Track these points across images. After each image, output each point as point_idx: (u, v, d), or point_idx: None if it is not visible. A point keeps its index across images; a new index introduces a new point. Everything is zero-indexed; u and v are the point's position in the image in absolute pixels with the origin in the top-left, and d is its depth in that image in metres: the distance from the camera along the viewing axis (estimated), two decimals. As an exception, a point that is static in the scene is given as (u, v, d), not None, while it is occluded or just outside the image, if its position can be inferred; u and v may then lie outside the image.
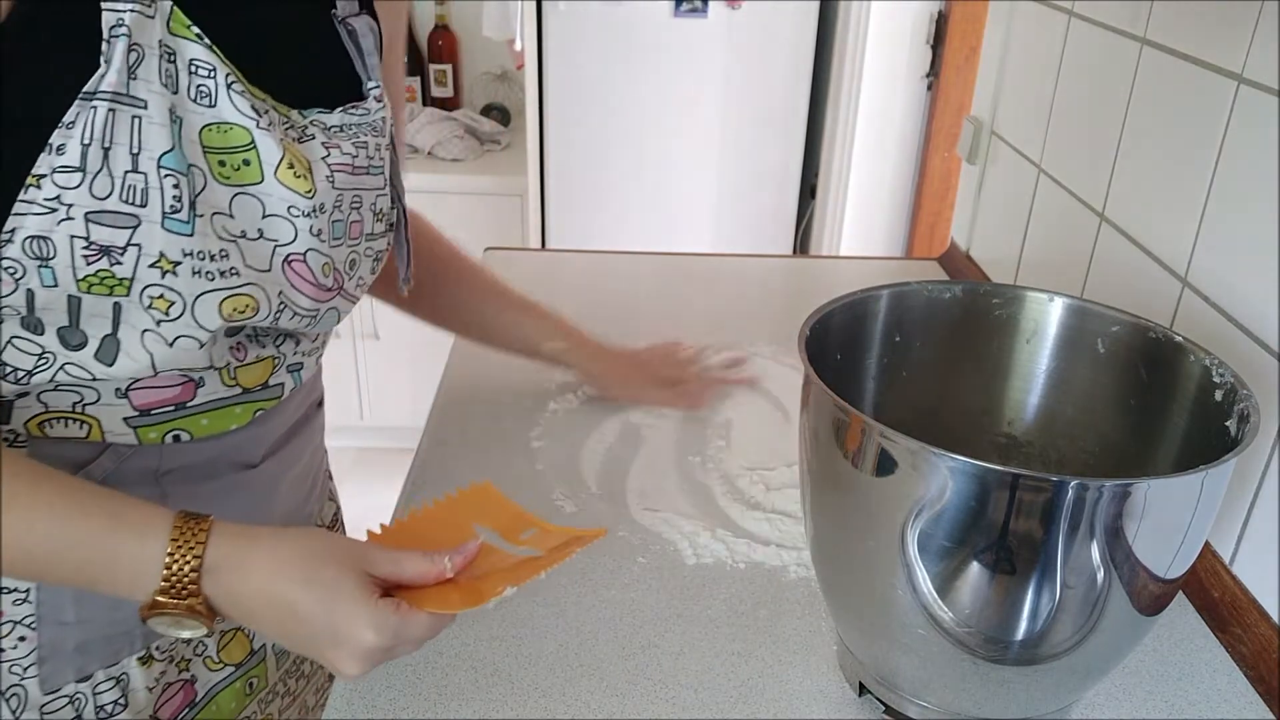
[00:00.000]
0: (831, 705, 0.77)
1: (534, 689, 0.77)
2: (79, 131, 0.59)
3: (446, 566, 0.64)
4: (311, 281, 0.71)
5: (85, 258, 0.61)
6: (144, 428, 0.70)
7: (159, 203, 0.61)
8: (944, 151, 2.68)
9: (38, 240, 0.59)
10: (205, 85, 0.63)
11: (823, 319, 0.76)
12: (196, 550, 0.60)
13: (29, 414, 0.67)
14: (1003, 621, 0.64)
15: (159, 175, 0.61)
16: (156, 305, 0.64)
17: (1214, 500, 0.63)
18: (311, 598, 0.60)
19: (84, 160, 0.59)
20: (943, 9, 2.57)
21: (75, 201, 0.60)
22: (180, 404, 0.71)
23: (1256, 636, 0.83)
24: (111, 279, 0.62)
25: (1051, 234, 1.28)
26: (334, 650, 0.61)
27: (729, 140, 2.84)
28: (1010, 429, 0.86)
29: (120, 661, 0.75)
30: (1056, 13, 1.26)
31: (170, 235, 0.62)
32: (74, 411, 0.68)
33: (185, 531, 0.60)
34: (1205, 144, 0.93)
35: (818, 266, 1.87)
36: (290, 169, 0.67)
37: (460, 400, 1.17)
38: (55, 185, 0.59)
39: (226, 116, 0.64)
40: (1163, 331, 0.76)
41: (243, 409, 0.74)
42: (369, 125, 0.75)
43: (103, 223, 0.60)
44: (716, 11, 2.68)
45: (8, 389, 0.65)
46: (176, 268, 0.63)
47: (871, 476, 0.64)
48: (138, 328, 0.64)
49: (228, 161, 0.64)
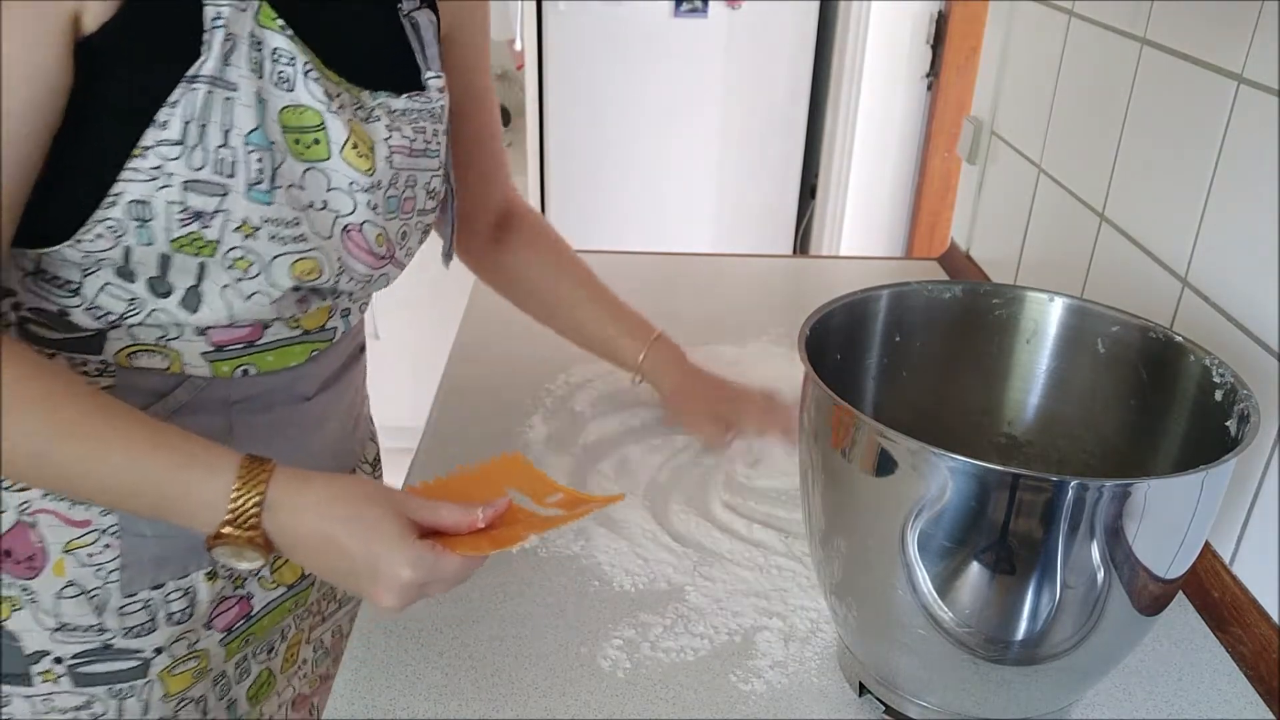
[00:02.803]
0: (831, 705, 0.77)
1: (534, 689, 0.77)
2: (180, 110, 0.66)
3: (479, 517, 0.69)
4: (366, 250, 0.79)
5: (180, 221, 0.68)
6: (218, 362, 0.78)
7: (244, 175, 0.69)
8: (944, 151, 2.68)
9: (139, 204, 0.67)
10: (285, 71, 0.71)
11: (823, 319, 0.76)
12: (260, 489, 0.67)
13: (118, 345, 0.75)
14: (1003, 621, 0.64)
15: (245, 150, 0.69)
16: (237, 265, 0.72)
17: (1214, 500, 0.63)
18: (355, 535, 0.67)
19: (184, 135, 0.67)
20: (943, 9, 2.57)
21: (175, 171, 0.67)
22: (250, 342, 0.79)
23: (1256, 636, 0.83)
24: (200, 241, 0.70)
25: (1051, 234, 1.28)
26: (373, 584, 0.67)
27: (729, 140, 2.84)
28: (1010, 429, 0.86)
29: (189, 575, 0.83)
30: (1056, 13, 1.26)
31: (253, 204, 0.70)
32: (158, 345, 0.76)
33: (250, 471, 0.67)
34: (1205, 144, 0.93)
35: (818, 266, 1.87)
36: (354, 149, 0.75)
37: (460, 400, 1.17)
38: (158, 156, 0.67)
39: (302, 100, 0.72)
40: (1163, 331, 0.76)
41: (301, 348, 0.83)
42: (429, 112, 0.82)
43: (196, 191, 0.68)
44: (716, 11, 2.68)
45: (100, 326, 0.74)
46: (256, 233, 0.71)
47: (871, 476, 0.64)
48: (219, 283, 0.72)
49: (302, 140, 0.72)
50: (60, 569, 0.79)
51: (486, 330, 1.33)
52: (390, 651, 0.80)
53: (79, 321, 0.74)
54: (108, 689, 0.83)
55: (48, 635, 0.81)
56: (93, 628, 0.81)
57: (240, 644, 0.90)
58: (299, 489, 0.68)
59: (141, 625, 0.82)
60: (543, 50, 2.68)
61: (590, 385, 1.19)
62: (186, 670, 0.86)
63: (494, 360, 1.24)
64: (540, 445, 1.08)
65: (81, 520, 0.79)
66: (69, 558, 0.79)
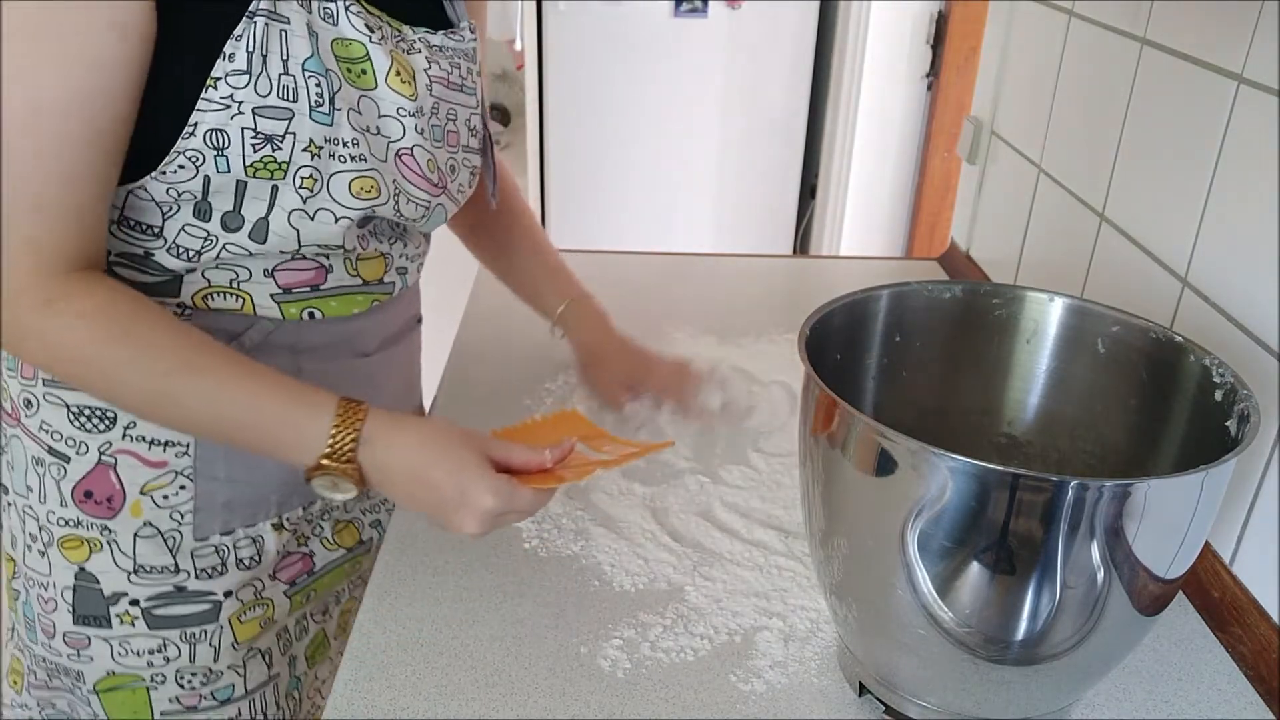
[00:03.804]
0: (831, 705, 0.77)
1: (534, 689, 0.77)
2: (244, 42, 0.71)
3: (546, 457, 0.77)
4: (419, 174, 0.83)
5: (253, 145, 0.74)
6: (286, 303, 0.84)
7: (306, 99, 0.74)
8: (944, 151, 2.68)
9: (215, 132, 0.73)
10: (329, 7, 0.75)
11: (823, 319, 0.76)
12: (357, 425, 0.74)
13: (194, 288, 0.81)
14: (1003, 621, 0.64)
15: (304, 77, 0.74)
16: (305, 184, 0.77)
17: (1214, 500, 0.63)
18: (443, 468, 0.74)
19: (249, 64, 0.72)
20: (943, 9, 2.57)
21: (245, 99, 0.72)
22: (314, 286, 0.85)
23: (1256, 636, 0.83)
24: (273, 163, 0.75)
25: (1051, 234, 1.28)
26: (458, 512, 0.74)
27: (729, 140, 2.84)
28: (1010, 429, 0.86)
29: (257, 524, 0.90)
30: (1056, 13, 1.26)
31: (316, 125, 0.75)
32: (231, 287, 0.81)
33: (347, 411, 0.74)
34: (1205, 144, 0.93)
35: (818, 266, 1.87)
36: (397, 75, 0.79)
37: (460, 399, 1.17)
38: (228, 85, 0.72)
39: (346, 33, 0.76)
40: (1163, 331, 0.76)
41: (363, 297, 0.89)
42: (463, 51, 0.88)
43: (265, 115, 0.73)
44: (716, 11, 2.69)
45: (180, 265, 0.79)
46: (320, 152, 0.76)
47: (871, 476, 0.64)
48: (286, 209, 0.77)
49: (353, 69, 0.77)
50: (137, 510, 0.85)
51: (486, 330, 1.33)
52: (390, 651, 0.80)
53: (163, 262, 0.78)
54: (180, 632, 0.89)
55: (125, 576, 0.86)
56: (167, 569, 0.87)
57: (302, 599, 0.97)
58: (392, 428, 0.75)
59: (212, 568, 0.88)
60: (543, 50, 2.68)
61: (590, 385, 1.19)
62: (254, 618, 0.92)
63: (494, 360, 1.24)
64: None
65: (159, 461, 0.84)
66: (145, 499, 0.85)
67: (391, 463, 0.75)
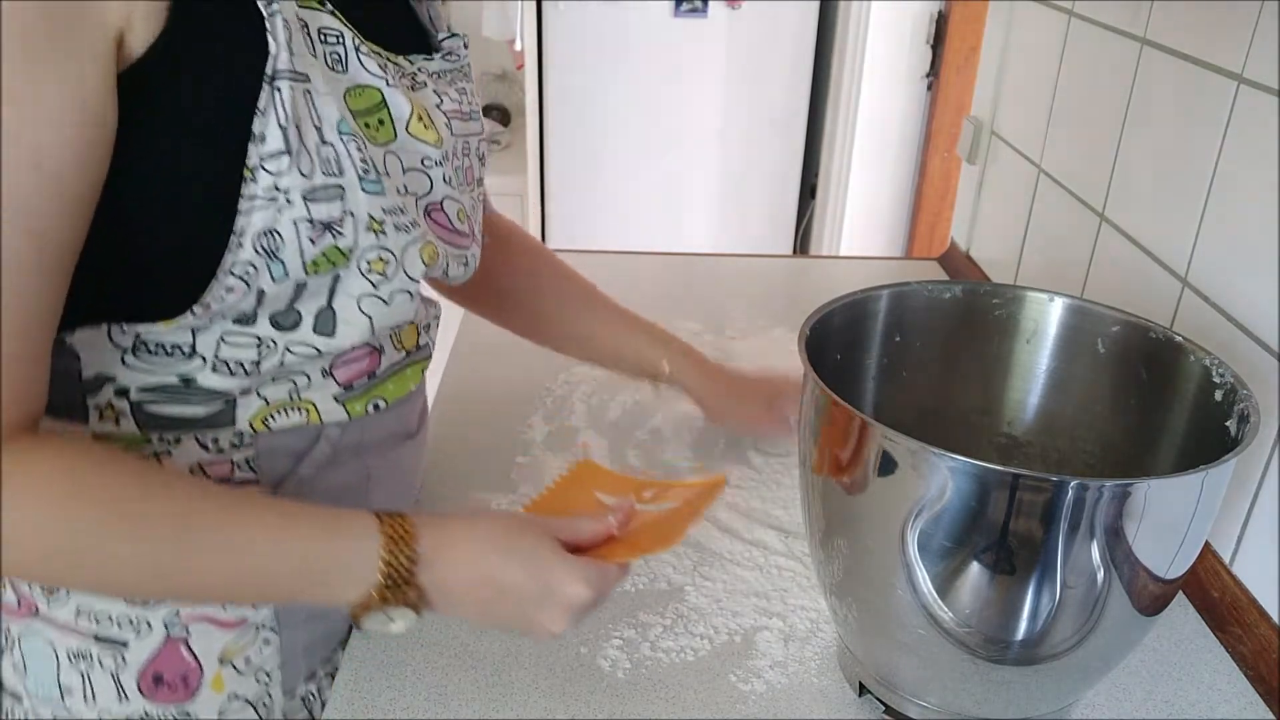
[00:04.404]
0: (831, 705, 0.77)
1: (534, 689, 0.77)
2: (273, 115, 0.59)
3: (612, 524, 0.69)
4: (448, 228, 0.74)
5: (310, 239, 0.61)
6: (350, 401, 0.73)
7: (352, 168, 0.63)
8: (944, 151, 2.68)
9: (266, 235, 0.60)
10: (336, 51, 0.64)
11: (823, 319, 0.76)
12: (410, 543, 0.63)
13: (251, 411, 0.69)
14: (1003, 621, 0.64)
15: (343, 142, 0.62)
16: (374, 268, 0.66)
17: (1214, 500, 0.63)
18: (515, 566, 0.64)
19: (286, 142, 0.59)
20: (943, 9, 2.57)
21: (290, 185, 0.60)
22: (371, 373, 0.74)
23: (1256, 636, 0.83)
24: (336, 252, 0.63)
25: (1051, 234, 1.28)
26: (543, 610, 0.65)
27: (729, 140, 2.84)
28: (1010, 429, 0.86)
29: (333, 656, 0.81)
30: (1056, 13, 1.26)
31: (370, 197, 0.64)
32: (292, 400, 0.70)
33: (395, 527, 0.63)
34: (1205, 144, 0.93)
35: (818, 266, 1.87)
36: (419, 121, 0.68)
37: (460, 400, 1.17)
38: (267, 174, 0.59)
39: (360, 79, 0.65)
40: (1163, 331, 0.76)
41: (413, 370, 0.79)
42: (461, 71, 0.77)
43: (317, 199, 0.61)
44: (716, 11, 2.68)
45: (232, 384, 0.66)
46: (383, 226, 0.65)
47: (871, 476, 0.64)
48: (354, 295, 0.66)
49: (370, 123, 0.66)
50: (219, 683, 0.73)
51: (486, 331, 1.33)
52: (390, 651, 0.80)
53: (208, 385, 0.66)
54: None
55: None
56: None
57: None
58: (447, 537, 0.65)
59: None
60: (543, 50, 2.68)
61: (590, 385, 1.19)
62: None
63: (494, 360, 1.24)
64: (540, 445, 1.08)
65: (236, 620, 0.72)
66: (226, 668, 0.73)
67: (456, 575, 0.64)
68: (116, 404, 0.66)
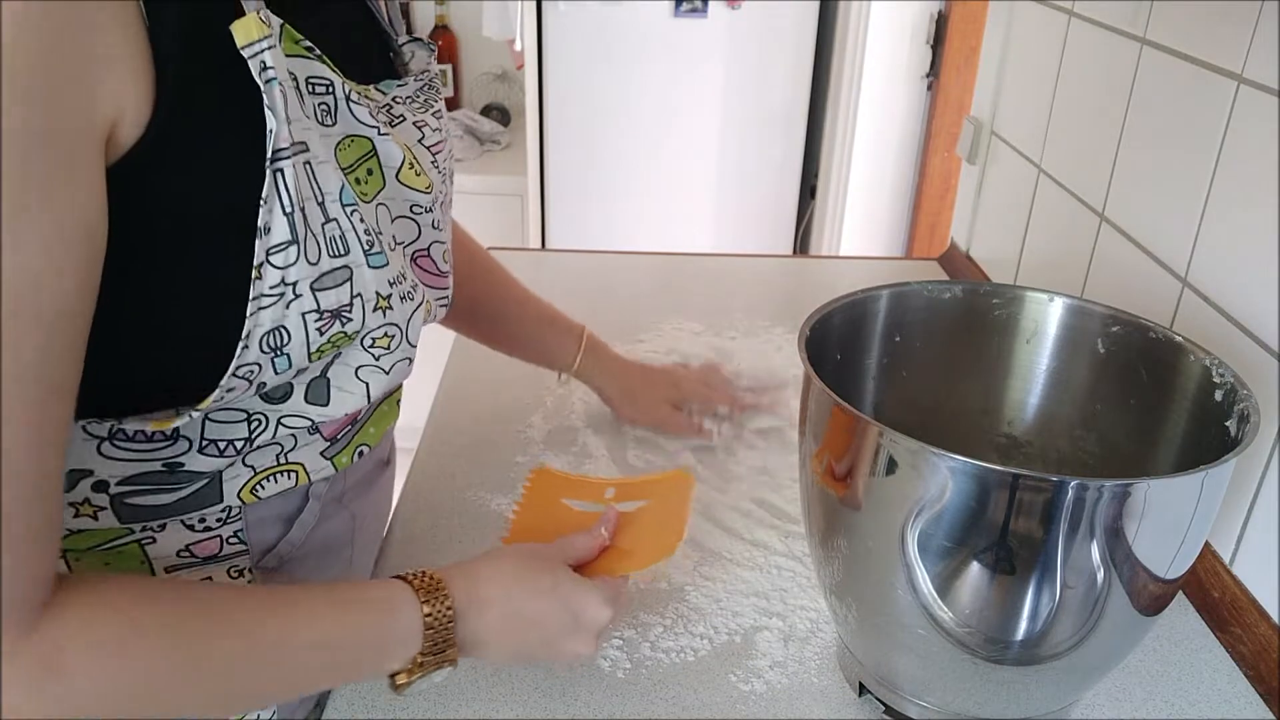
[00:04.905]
0: (831, 705, 0.77)
1: (534, 689, 0.77)
2: (276, 203, 0.53)
3: (604, 535, 0.71)
4: (435, 272, 0.72)
5: (318, 329, 0.57)
6: (337, 456, 0.72)
7: (357, 244, 0.58)
8: (944, 151, 2.68)
9: (273, 333, 0.55)
10: (325, 102, 0.58)
11: (823, 319, 0.76)
12: (446, 600, 0.62)
13: (239, 484, 0.65)
14: (1003, 621, 0.64)
15: (346, 216, 0.58)
16: (379, 344, 0.63)
17: (1214, 500, 0.63)
18: (542, 601, 0.66)
19: (292, 230, 0.54)
20: (943, 9, 2.57)
21: (297, 277, 0.55)
22: (354, 421, 0.72)
23: (1256, 636, 0.83)
24: (343, 337, 0.60)
25: (1051, 234, 1.28)
26: (572, 638, 0.67)
27: (729, 140, 2.84)
28: (1010, 429, 0.86)
29: None
30: (1056, 13, 1.26)
31: (375, 272, 0.59)
32: (279, 465, 0.67)
33: (424, 589, 0.62)
34: (1205, 144, 0.93)
35: (818, 266, 1.87)
36: (411, 168, 0.64)
37: (460, 400, 1.17)
38: (275, 269, 0.54)
39: (350, 130, 0.60)
40: (1163, 331, 0.76)
41: (388, 405, 0.77)
42: (431, 85, 0.72)
43: (325, 286, 0.56)
44: (716, 11, 2.68)
45: (220, 464, 0.63)
46: (389, 301, 0.61)
47: (871, 476, 0.64)
48: (351, 365, 0.63)
49: (359, 176, 0.61)
50: None
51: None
52: (390, 651, 0.80)
53: (195, 468, 0.62)
54: None
55: None
56: None
57: None
58: (472, 585, 0.64)
59: None
60: (543, 50, 2.68)
61: (590, 385, 1.19)
62: None
63: (494, 360, 1.24)
64: (540, 445, 1.08)
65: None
66: None
67: (488, 620, 0.64)
68: (94, 499, 0.60)
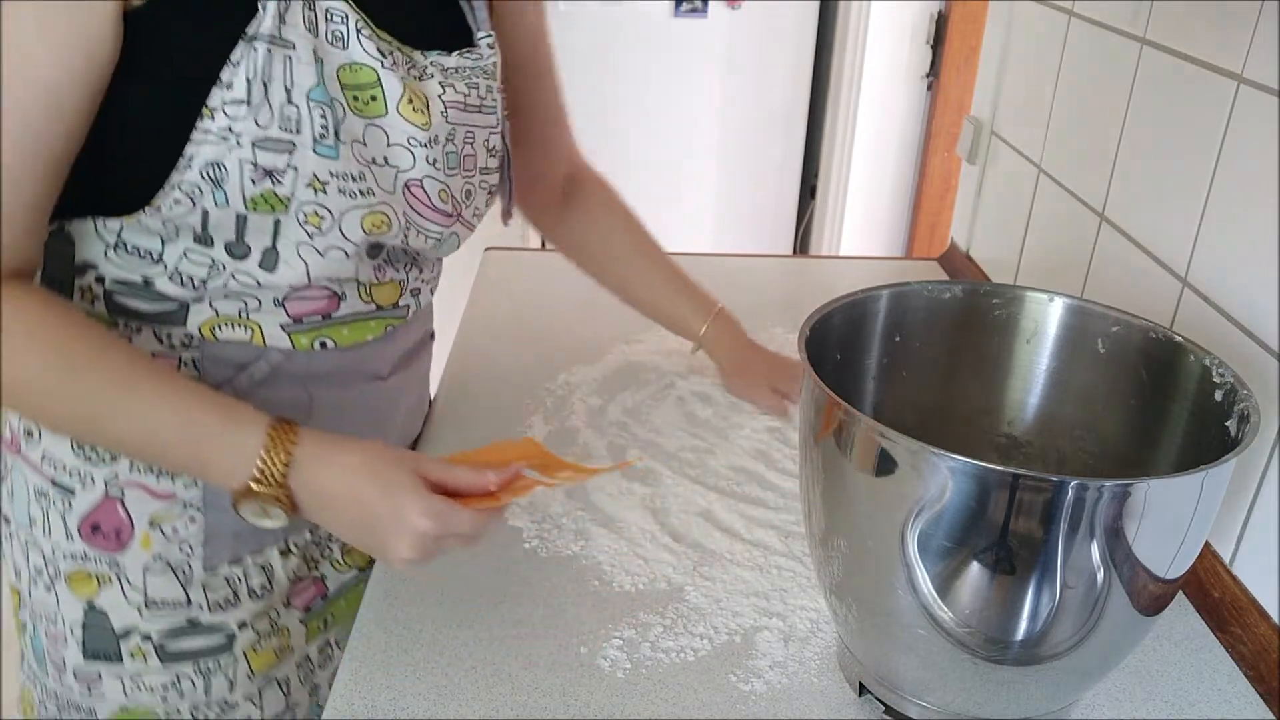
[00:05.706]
0: (831, 705, 0.77)
1: (534, 689, 0.77)
2: (243, 69, 0.68)
3: (490, 480, 0.73)
4: (429, 205, 0.81)
5: (252, 180, 0.70)
6: (296, 334, 0.81)
7: (310, 131, 0.71)
8: (944, 151, 2.68)
9: (213, 166, 0.69)
10: (339, 30, 0.72)
11: (823, 319, 0.76)
12: (288, 447, 0.70)
13: (201, 318, 0.78)
14: (1003, 621, 0.64)
15: (308, 107, 0.71)
16: (310, 220, 0.74)
17: (1214, 500, 0.63)
18: (374, 490, 0.70)
19: (249, 94, 0.68)
20: (943, 9, 2.57)
21: (243, 131, 0.69)
22: (326, 315, 0.82)
23: (1256, 636, 0.83)
24: (274, 198, 0.72)
25: (1051, 234, 1.28)
26: (392, 536, 0.70)
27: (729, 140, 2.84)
28: (1010, 429, 0.86)
29: (265, 551, 0.87)
30: (1056, 13, 1.26)
31: (320, 159, 0.72)
32: (240, 318, 0.79)
33: (280, 431, 0.71)
34: (1205, 144, 0.93)
35: (818, 266, 1.87)
36: (410, 104, 0.76)
37: (460, 399, 1.17)
38: (225, 116, 0.68)
39: (356, 58, 0.73)
40: (1163, 331, 0.76)
41: (376, 323, 0.86)
42: (481, 69, 0.84)
43: (266, 148, 0.70)
44: (716, 11, 2.69)
45: (184, 293, 0.76)
46: (326, 187, 0.73)
47: (871, 476, 0.64)
48: (294, 241, 0.75)
49: (360, 96, 0.74)
50: (146, 543, 0.82)
51: (486, 330, 1.33)
52: (390, 651, 0.80)
53: (164, 290, 0.76)
54: (194, 665, 0.87)
55: (136, 611, 0.84)
56: (179, 603, 0.84)
57: (319, 625, 0.95)
58: (324, 451, 0.71)
59: (225, 600, 0.86)
60: (543, 50, 2.68)
61: (590, 385, 1.19)
62: (269, 648, 0.90)
63: (494, 360, 1.24)
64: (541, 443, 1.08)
65: (166, 493, 0.82)
66: (154, 531, 0.82)
67: (322, 484, 0.71)
68: (94, 289, 0.77)
